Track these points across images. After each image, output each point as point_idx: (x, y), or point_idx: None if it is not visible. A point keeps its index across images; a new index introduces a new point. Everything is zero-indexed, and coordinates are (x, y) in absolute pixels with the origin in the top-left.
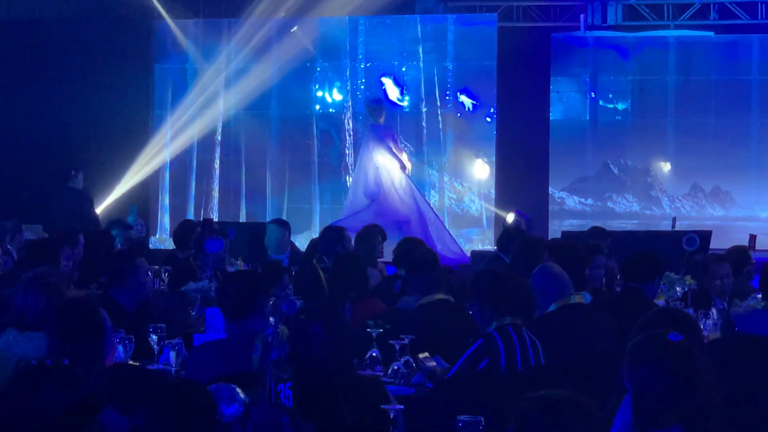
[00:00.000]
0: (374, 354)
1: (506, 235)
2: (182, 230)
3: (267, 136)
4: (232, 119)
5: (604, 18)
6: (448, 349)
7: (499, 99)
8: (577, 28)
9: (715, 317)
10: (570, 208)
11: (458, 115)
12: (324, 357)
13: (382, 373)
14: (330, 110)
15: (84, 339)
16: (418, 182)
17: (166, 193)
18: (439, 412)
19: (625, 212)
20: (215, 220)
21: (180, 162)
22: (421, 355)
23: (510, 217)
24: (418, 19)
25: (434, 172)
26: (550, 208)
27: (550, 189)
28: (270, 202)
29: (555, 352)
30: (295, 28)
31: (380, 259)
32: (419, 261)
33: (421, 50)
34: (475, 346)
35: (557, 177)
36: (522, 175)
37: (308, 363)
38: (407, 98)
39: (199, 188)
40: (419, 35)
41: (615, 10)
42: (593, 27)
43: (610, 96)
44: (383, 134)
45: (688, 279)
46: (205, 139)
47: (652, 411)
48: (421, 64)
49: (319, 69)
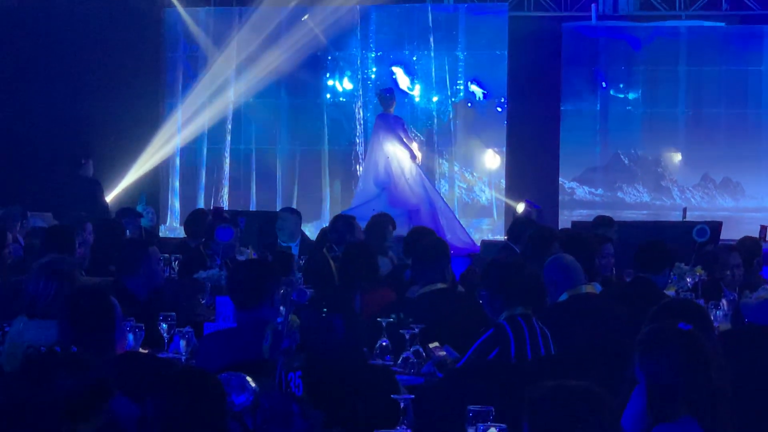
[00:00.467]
0: (384, 343)
1: (517, 225)
2: (193, 219)
3: (277, 125)
4: (243, 108)
5: (616, 8)
6: (452, 338)
7: (510, 89)
8: (589, 18)
9: (725, 308)
10: (580, 198)
11: (469, 105)
12: (335, 346)
13: (392, 363)
14: (341, 99)
15: (95, 327)
16: (428, 171)
17: (176, 182)
18: (449, 402)
19: (636, 203)
20: (225, 208)
21: (190, 150)
22: (431, 345)
23: (520, 207)
24: (429, 9)
25: (444, 161)
26: (560, 198)
27: (560, 179)
28: (280, 191)
29: (565, 341)
30: (306, 16)
31: (390, 249)
32: (425, 250)
33: (432, 39)
34: (485, 336)
35: (567, 167)
36: (532, 164)
37: (319, 352)
38: (418, 87)
39: (210, 177)
40: (430, 24)
41: (626, 0)
42: (604, 17)
43: (621, 86)
44: (394, 124)
45: (698, 270)
46: (216, 127)
47: (664, 401)
48: (432, 54)
49: (330, 58)
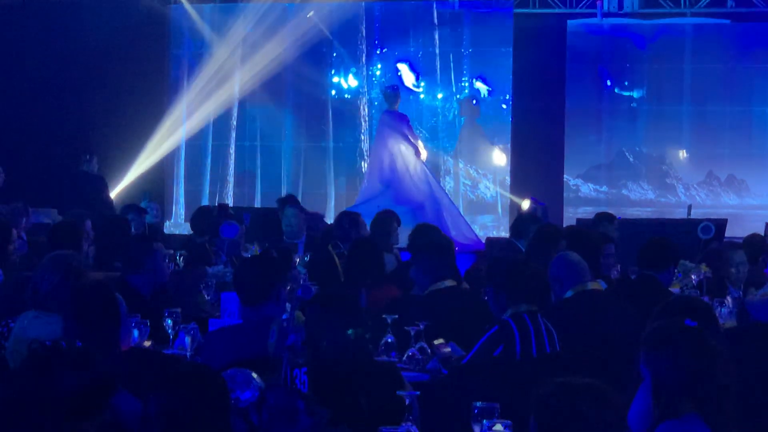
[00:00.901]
0: (389, 340)
1: (519, 222)
2: (199, 215)
3: (282, 121)
4: (248, 104)
5: (621, 5)
6: (458, 336)
7: (515, 85)
8: (594, 15)
9: (730, 305)
10: (585, 195)
11: (474, 102)
12: (340, 343)
13: (397, 359)
14: (346, 96)
15: (100, 322)
16: (433, 168)
17: (181, 178)
18: (455, 399)
19: (640, 200)
20: (230, 205)
21: (195, 146)
22: (436, 342)
23: (525, 204)
24: (434, 5)
25: (449, 158)
26: (564, 195)
27: (565, 176)
28: (285, 188)
29: (571, 338)
30: (311, 13)
31: (396, 246)
32: (428, 247)
33: (437, 36)
34: (490, 333)
35: (572, 164)
36: (537, 161)
37: (324, 348)
38: (423, 84)
39: (215, 173)
40: (435, 21)
41: None
42: (609, 14)
43: (626, 83)
44: (399, 120)
45: (703, 267)
46: (221, 123)
47: (669, 398)
48: (437, 50)
49: (335, 54)
